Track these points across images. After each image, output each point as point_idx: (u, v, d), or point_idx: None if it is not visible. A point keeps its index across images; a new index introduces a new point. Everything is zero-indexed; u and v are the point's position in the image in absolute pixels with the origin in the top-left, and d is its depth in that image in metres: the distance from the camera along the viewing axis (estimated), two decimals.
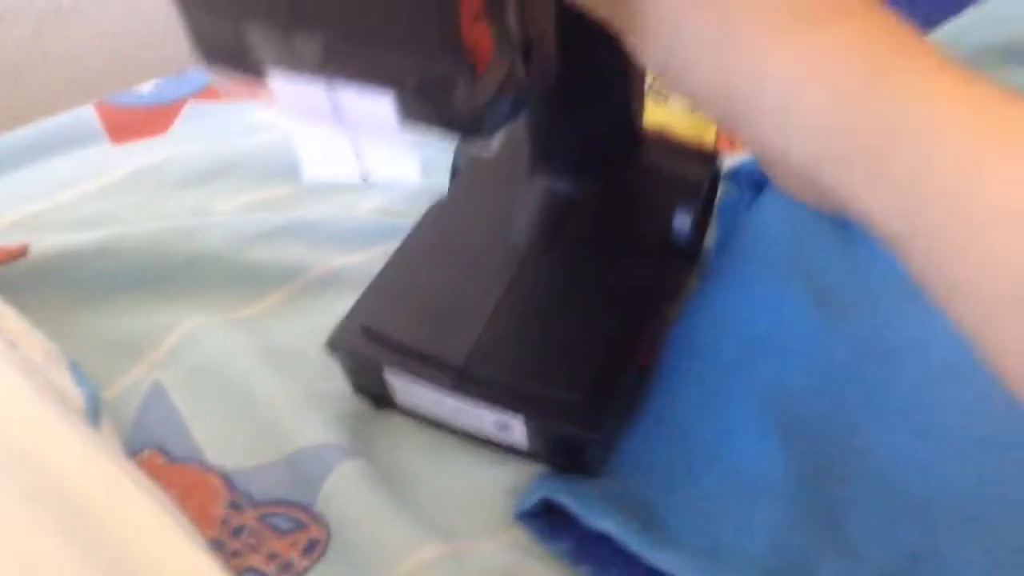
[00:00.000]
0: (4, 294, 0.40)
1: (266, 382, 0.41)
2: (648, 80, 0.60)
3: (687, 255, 0.43)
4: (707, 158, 0.44)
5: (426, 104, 0.22)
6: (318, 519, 0.37)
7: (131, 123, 0.59)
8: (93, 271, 0.46)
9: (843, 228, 0.43)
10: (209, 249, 0.47)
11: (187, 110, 0.60)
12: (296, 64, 0.22)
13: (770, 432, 0.37)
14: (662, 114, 0.58)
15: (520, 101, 0.23)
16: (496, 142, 0.23)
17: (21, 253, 0.45)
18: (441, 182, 0.46)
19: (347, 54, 0.21)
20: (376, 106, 0.22)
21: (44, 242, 0.45)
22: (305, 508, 0.37)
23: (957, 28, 0.52)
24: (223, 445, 0.40)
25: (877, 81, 0.23)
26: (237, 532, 0.37)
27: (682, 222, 0.42)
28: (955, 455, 0.35)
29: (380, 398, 0.41)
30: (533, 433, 0.37)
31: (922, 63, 0.23)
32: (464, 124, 0.22)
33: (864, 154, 0.23)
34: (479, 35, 0.20)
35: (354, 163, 0.25)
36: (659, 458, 0.38)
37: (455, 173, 0.46)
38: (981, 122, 0.22)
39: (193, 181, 0.53)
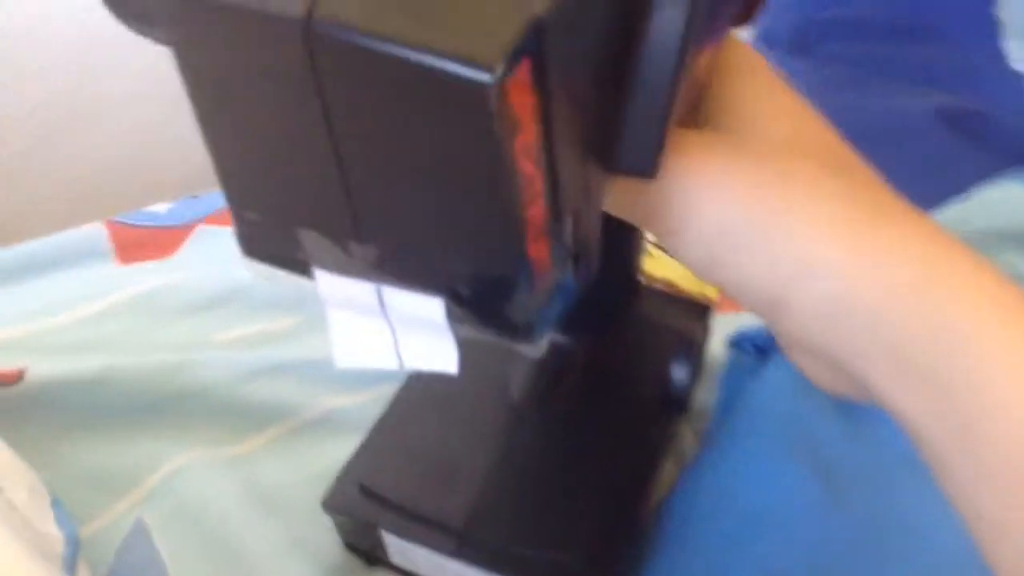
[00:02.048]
0: None
1: (252, 528, 0.40)
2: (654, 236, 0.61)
3: (680, 405, 0.43)
4: (701, 310, 0.45)
5: (478, 311, 0.22)
6: None
7: (139, 243, 0.59)
8: (85, 400, 0.45)
9: (846, 404, 0.43)
10: (202, 384, 0.47)
11: (196, 233, 0.61)
12: (348, 269, 0.22)
13: None
14: (665, 267, 0.59)
15: (568, 303, 0.24)
16: (545, 345, 0.23)
17: (16, 378, 0.44)
18: None
19: (403, 262, 0.22)
20: (426, 308, 0.22)
21: (40, 368, 0.45)
22: None
23: (963, 211, 0.53)
24: None
25: (930, 286, 0.23)
26: None
27: (679, 374, 0.42)
28: None
29: (372, 556, 0.40)
30: None
31: (971, 268, 0.23)
32: (516, 329, 0.22)
33: (911, 355, 0.23)
34: (540, 248, 0.21)
35: (392, 354, 0.24)
36: None
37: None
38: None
39: (193, 309, 0.53)
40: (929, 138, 0.24)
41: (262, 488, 0.43)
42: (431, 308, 0.22)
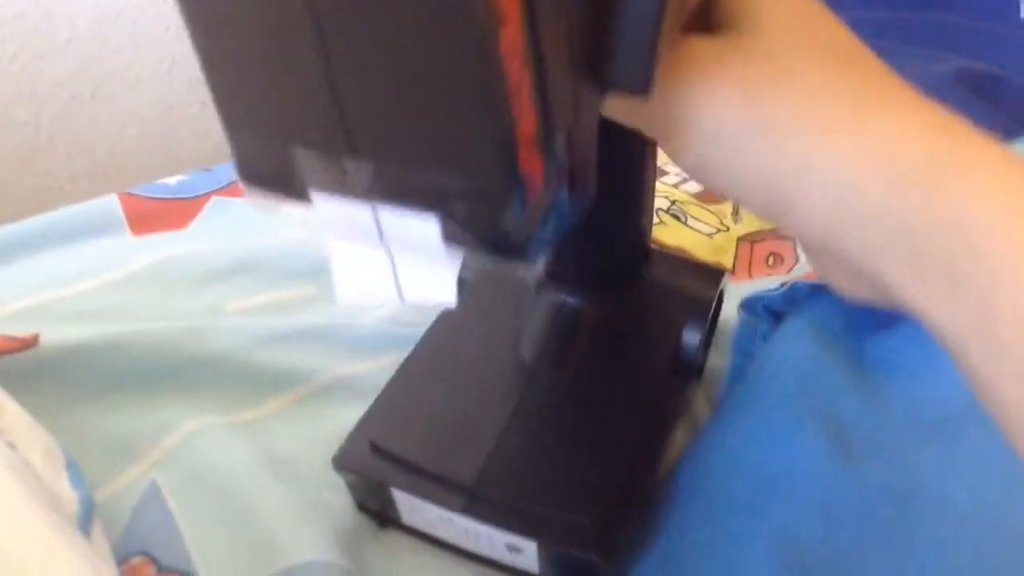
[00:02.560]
0: (10, 383, 0.40)
1: (265, 491, 0.41)
2: (666, 203, 0.61)
3: (693, 370, 0.43)
4: (714, 274, 0.44)
5: (473, 228, 0.22)
6: None
7: (153, 215, 0.59)
8: (100, 366, 0.45)
9: (862, 368, 0.42)
10: (216, 350, 0.47)
11: (210, 205, 0.61)
12: (343, 188, 0.22)
13: None
14: (680, 236, 0.58)
15: (563, 225, 0.23)
16: (540, 266, 0.23)
17: (31, 343, 0.44)
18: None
19: (397, 178, 0.21)
20: (422, 229, 0.22)
21: (54, 333, 0.45)
22: None
23: None
24: (214, 556, 0.39)
25: (937, 173, 0.22)
26: None
27: (691, 339, 0.42)
28: None
29: (384, 517, 0.40)
30: (545, 557, 0.36)
31: (979, 153, 0.23)
32: (510, 249, 0.22)
33: (923, 248, 0.22)
34: (532, 163, 0.21)
35: (392, 286, 0.24)
36: None
37: (463, 284, 0.46)
38: None
39: (208, 279, 0.54)
40: (948, 102, 0.23)
41: (275, 452, 0.43)
42: (426, 228, 0.22)
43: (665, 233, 0.58)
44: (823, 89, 0.24)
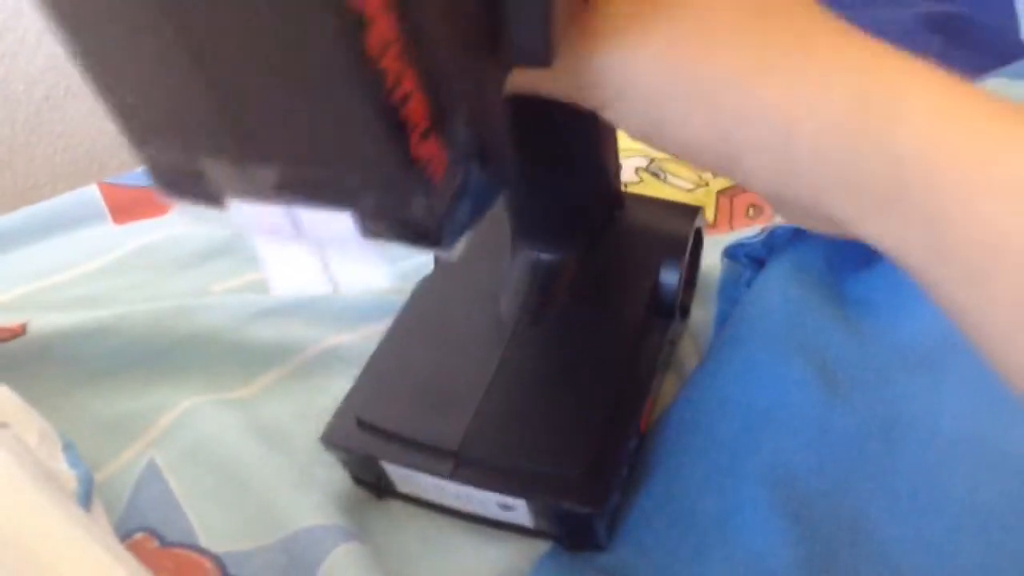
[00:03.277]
0: (1, 372, 0.40)
1: (262, 463, 0.41)
2: (644, 162, 0.61)
3: (675, 312, 0.43)
4: (690, 211, 0.44)
5: (385, 220, 0.22)
6: None
7: (134, 203, 0.59)
8: (90, 350, 0.45)
9: (844, 306, 0.43)
10: (205, 328, 0.47)
11: None
12: (253, 192, 0.22)
13: (775, 513, 0.36)
14: (659, 193, 0.59)
15: (480, 205, 0.23)
16: (460, 248, 0.23)
17: (19, 332, 0.45)
18: (430, 257, 0.45)
19: (302, 179, 0.21)
20: (336, 224, 0.22)
21: (42, 321, 0.45)
22: None
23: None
24: (217, 527, 0.39)
25: (868, 109, 0.22)
26: None
27: (669, 277, 0.41)
28: (963, 531, 0.34)
29: (380, 488, 0.41)
30: (537, 512, 0.36)
31: (911, 80, 0.23)
32: (425, 236, 0.22)
33: (866, 182, 0.23)
34: (430, 148, 0.20)
35: (322, 276, 0.24)
36: (663, 537, 0.37)
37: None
38: (974, 129, 0.22)
39: (192, 261, 0.54)
40: (915, 43, 0.24)
41: (270, 426, 0.43)
42: (341, 224, 0.22)
43: (645, 191, 0.59)
44: (748, 35, 0.24)
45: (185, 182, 0.23)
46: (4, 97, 0.86)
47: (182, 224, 0.57)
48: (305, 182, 0.21)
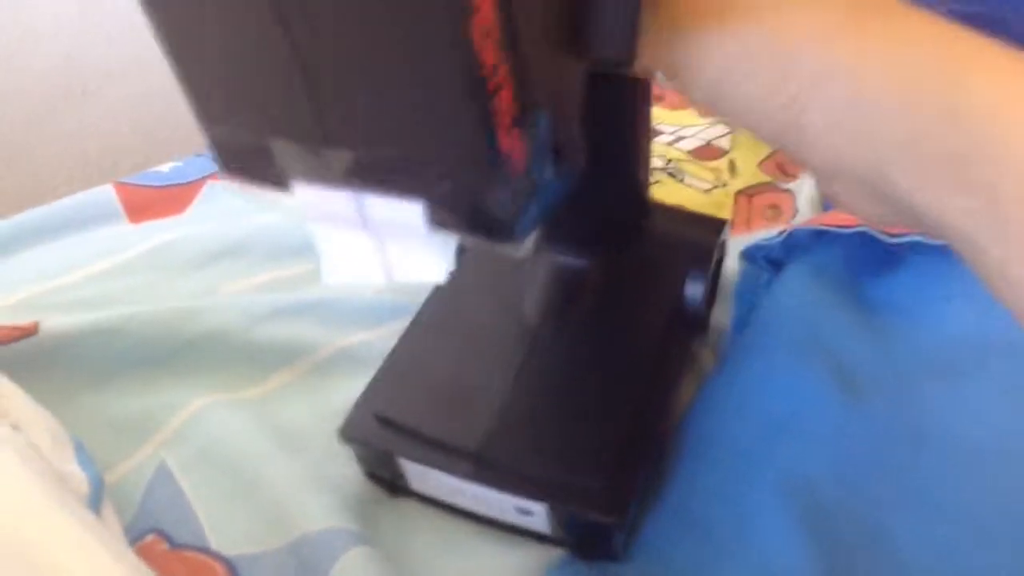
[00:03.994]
0: (13, 371, 0.40)
1: (273, 464, 0.41)
2: (662, 162, 0.61)
3: (698, 323, 0.43)
4: (715, 224, 0.44)
5: (458, 211, 0.22)
6: None
7: (149, 203, 0.59)
8: (102, 350, 0.45)
9: (864, 309, 0.42)
10: (217, 328, 0.47)
11: (206, 189, 0.61)
12: (323, 176, 0.22)
13: (792, 522, 0.35)
14: (677, 194, 0.58)
15: (551, 202, 0.23)
16: (529, 244, 0.23)
17: (32, 331, 0.44)
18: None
19: (376, 165, 0.21)
20: (406, 214, 0.22)
21: (54, 321, 0.45)
22: None
23: None
24: (228, 529, 0.39)
25: (943, 73, 0.22)
26: None
27: (694, 289, 0.41)
28: (982, 540, 0.34)
29: (393, 485, 0.40)
30: (555, 519, 0.36)
31: (986, 54, 0.23)
32: (498, 229, 0.22)
33: (929, 147, 0.22)
34: (514, 141, 0.20)
35: (378, 265, 0.24)
36: (680, 546, 0.37)
37: (461, 249, 0.46)
38: None
39: (204, 261, 0.54)
40: None
41: (282, 426, 0.43)
42: (411, 214, 0.22)
43: (662, 192, 0.58)
44: (819, 2, 0.24)
45: (252, 163, 0.23)
46: (21, 97, 0.86)
47: (198, 223, 0.57)
48: (379, 168, 0.21)
